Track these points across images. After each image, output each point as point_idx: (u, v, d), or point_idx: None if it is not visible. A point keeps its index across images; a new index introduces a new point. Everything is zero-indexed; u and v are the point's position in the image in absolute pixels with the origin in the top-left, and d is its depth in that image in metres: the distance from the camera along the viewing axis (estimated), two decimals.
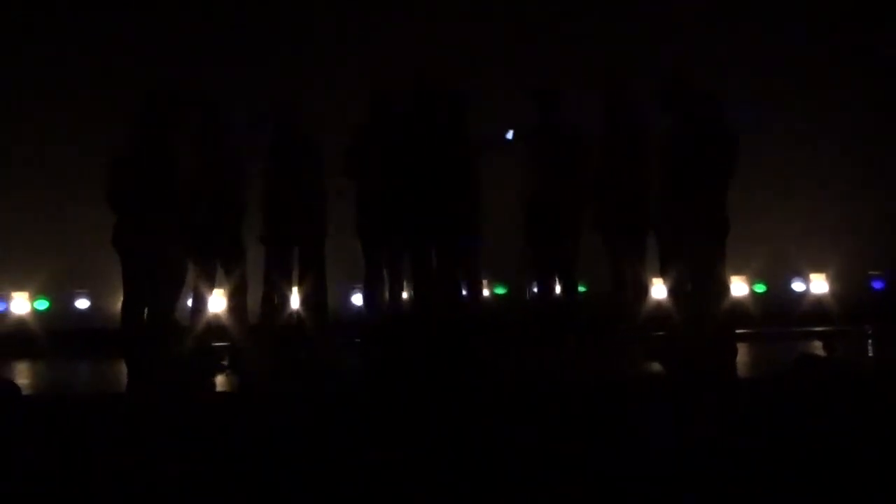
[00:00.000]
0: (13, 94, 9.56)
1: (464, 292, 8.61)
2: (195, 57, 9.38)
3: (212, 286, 8.30)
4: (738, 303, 8.87)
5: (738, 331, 8.34)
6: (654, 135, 8.14)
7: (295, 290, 8.50)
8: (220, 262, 8.23)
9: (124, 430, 6.16)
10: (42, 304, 9.41)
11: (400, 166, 8.29)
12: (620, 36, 9.66)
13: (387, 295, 8.54)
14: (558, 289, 8.57)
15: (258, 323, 8.36)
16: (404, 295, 8.65)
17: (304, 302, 8.43)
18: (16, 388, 6.93)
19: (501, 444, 5.65)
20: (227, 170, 8.15)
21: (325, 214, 8.42)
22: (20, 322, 9.34)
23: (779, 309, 9.63)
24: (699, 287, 7.91)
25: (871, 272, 9.91)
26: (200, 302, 8.22)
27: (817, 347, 8.40)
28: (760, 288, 9.74)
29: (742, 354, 8.17)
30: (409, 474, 5.25)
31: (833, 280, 9.80)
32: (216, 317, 8.49)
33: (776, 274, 9.81)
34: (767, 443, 5.60)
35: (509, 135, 8.29)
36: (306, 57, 9.68)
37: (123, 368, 7.92)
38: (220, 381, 7.91)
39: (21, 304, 9.36)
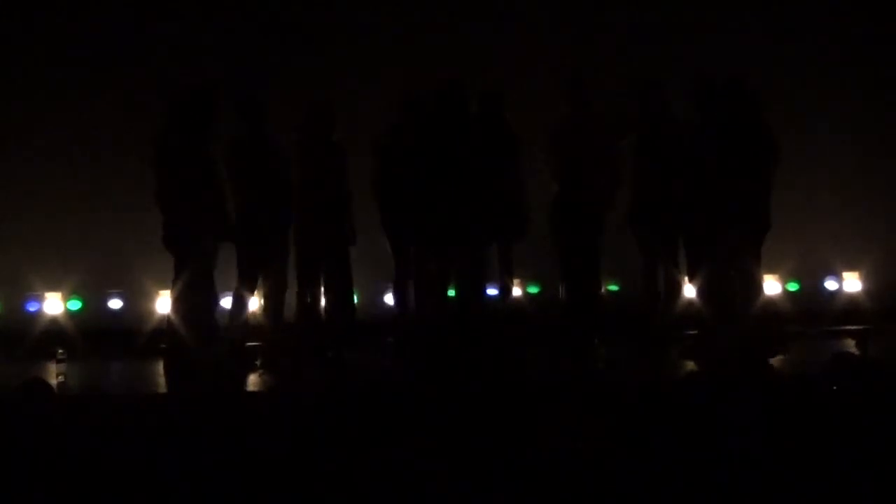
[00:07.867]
0: (47, 93, 9.59)
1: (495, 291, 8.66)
2: (231, 57, 9.36)
3: (253, 287, 8.31)
4: (772, 301, 8.82)
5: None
6: (691, 133, 8.12)
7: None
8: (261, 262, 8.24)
9: (156, 430, 6.20)
10: (75, 305, 9.44)
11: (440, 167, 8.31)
12: (655, 33, 9.60)
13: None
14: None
15: (292, 322, 8.38)
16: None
17: (334, 302, 8.44)
18: (48, 387, 6.97)
19: (535, 444, 5.66)
20: (268, 168, 8.18)
21: (352, 217, 8.44)
22: (53, 322, 9.36)
23: (812, 307, 9.56)
24: (734, 286, 7.94)
25: None
26: (240, 302, 8.25)
27: (850, 346, 8.36)
28: (793, 286, 9.68)
29: None
30: (441, 473, 5.27)
31: (866, 278, 9.73)
32: (251, 316, 8.50)
33: (809, 272, 9.75)
34: (801, 441, 5.59)
35: None
36: (332, 60, 9.67)
37: (158, 368, 7.97)
38: (253, 380, 7.93)
39: (54, 304, 9.39)
